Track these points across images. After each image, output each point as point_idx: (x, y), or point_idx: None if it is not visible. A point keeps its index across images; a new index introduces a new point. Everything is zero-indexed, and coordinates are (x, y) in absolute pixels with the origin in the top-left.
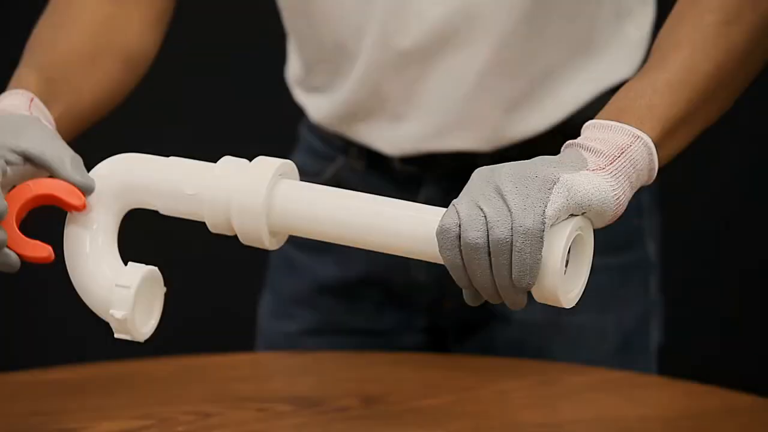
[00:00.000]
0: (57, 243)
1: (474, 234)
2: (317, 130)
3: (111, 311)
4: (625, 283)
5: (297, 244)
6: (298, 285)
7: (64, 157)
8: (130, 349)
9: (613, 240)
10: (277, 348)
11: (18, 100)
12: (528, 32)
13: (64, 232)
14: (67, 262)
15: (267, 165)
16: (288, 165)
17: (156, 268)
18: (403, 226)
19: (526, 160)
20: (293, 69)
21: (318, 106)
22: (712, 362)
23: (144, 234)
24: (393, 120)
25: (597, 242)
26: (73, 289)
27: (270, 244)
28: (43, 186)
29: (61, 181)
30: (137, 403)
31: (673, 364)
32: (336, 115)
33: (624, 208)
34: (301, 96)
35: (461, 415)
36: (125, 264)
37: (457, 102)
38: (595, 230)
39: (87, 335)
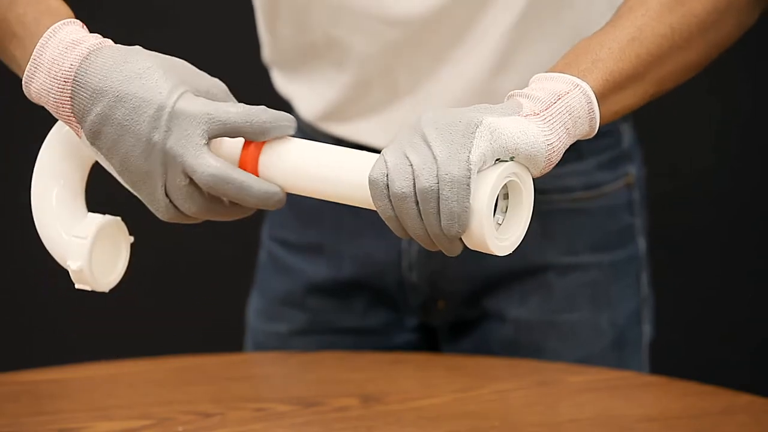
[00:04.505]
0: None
1: (401, 183)
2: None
3: (68, 262)
4: (617, 280)
5: (287, 245)
6: (288, 286)
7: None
8: (130, 350)
9: (605, 237)
10: (266, 348)
11: (81, 30)
12: (527, 27)
13: (32, 183)
14: (33, 213)
15: None
16: None
17: (118, 218)
18: (344, 174)
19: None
20: (273, 54)
21: (307, 101)
22: (711, 362)
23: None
24: (386, 118)
25: (590, 240)
26: (73, 289)
27: None
28: None
29: None
30: (137, 403)
31: (672, 363)
32: (328, 111)
33: (560, 155)
34: (284, 85)
35: (461, 415)
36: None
37: (453, 101)
38: (585, 223)
39: (86, 335)
